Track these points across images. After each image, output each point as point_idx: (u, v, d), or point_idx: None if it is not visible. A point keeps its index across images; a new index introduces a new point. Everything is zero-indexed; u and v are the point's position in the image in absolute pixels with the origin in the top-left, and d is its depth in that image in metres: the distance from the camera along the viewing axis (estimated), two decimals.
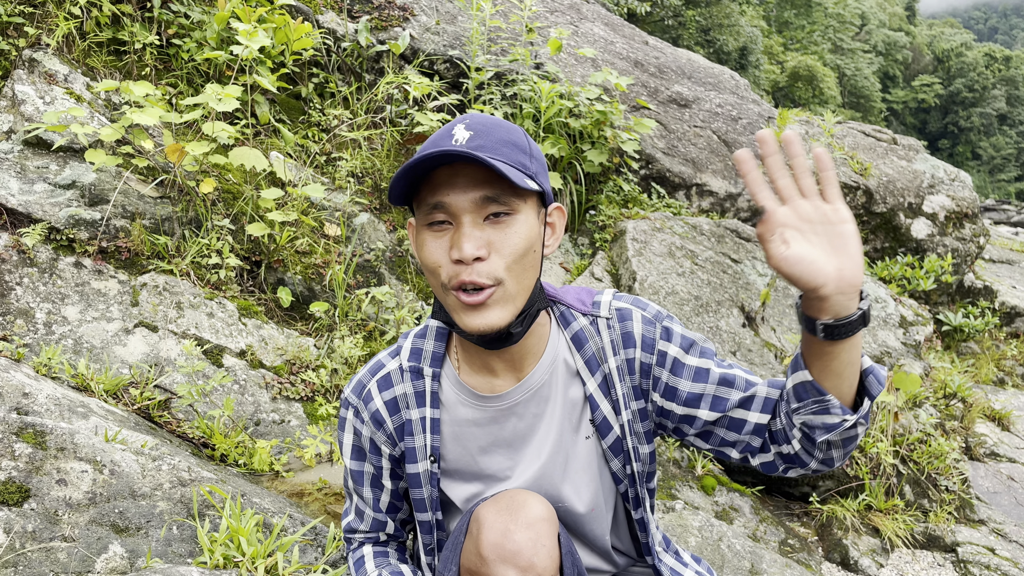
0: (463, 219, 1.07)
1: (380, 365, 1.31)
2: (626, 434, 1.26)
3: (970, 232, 5.10)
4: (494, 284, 1.08)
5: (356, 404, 1.31)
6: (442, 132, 1.11)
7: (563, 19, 5.38)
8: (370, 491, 1.35)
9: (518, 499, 1.17)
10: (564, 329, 1.28)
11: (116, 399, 2.43)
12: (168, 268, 2.85)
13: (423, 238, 1.11)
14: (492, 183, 1.07)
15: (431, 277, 1.13)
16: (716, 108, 5.09)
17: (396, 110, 3.93)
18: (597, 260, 3.69)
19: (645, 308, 1.28)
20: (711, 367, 1.23)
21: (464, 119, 1.11)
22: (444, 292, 1.11)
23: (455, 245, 1.07)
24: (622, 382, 1.25)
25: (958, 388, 3.84)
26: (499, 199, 1.07)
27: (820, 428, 1.10)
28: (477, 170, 1.07)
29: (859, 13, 55.72)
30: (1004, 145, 61.08)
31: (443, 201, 1.07)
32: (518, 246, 1.09)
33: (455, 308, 1.11)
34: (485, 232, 1.08)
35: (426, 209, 1.09)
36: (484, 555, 1.11)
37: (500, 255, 1.08)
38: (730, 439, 1.24)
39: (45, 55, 3.20)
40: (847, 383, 1.06)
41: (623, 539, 1.40)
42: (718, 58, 30.73)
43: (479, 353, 1.22)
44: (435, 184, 1.08)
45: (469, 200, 1.07)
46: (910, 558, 2.86)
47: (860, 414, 1.08)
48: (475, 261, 1.07)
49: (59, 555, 1.55)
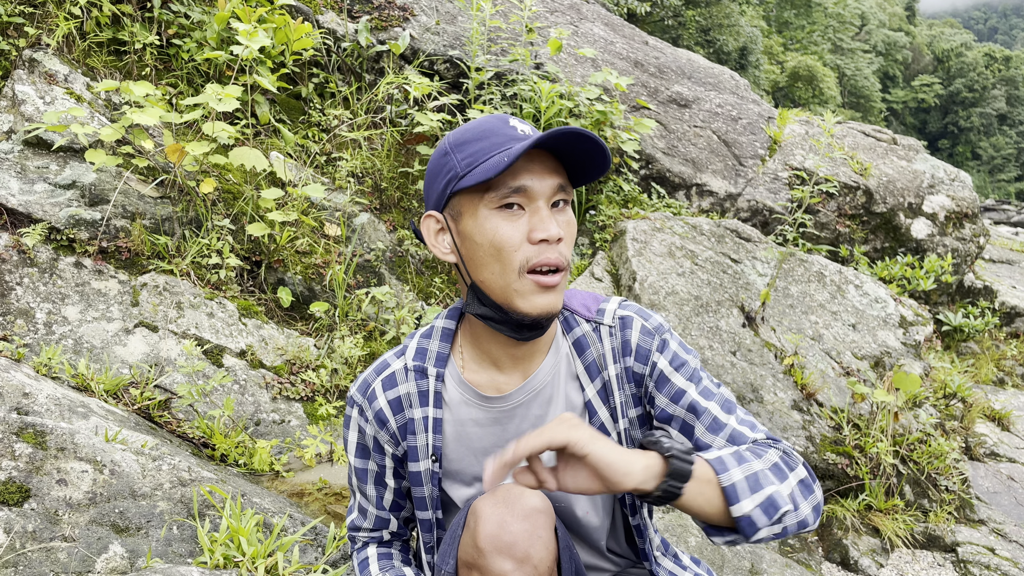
0: (540, 203, 1.12)
1: (385, 364, 1.32)
2: (623, 441, 1.27)
3: (970, 232, 5.10)
4: (566, 266, 1.15)
5: (361, 402, 1.32)
6: (494, 124, 1.15)
7: (563, 19, 5.38)
8: (373, 489, 1.36)
9: (515, 491, 1.17)
10: (567, 334, 1.29)
11: (116, 399, 2.43)
12: (168, 268, 2.85)
13: (495, 222, 1.13)
14: (561, 173, 1.14)
15: (495, 262, 1.14)
16: (716, 108, 5.09)
17: (396, 110, 3.94)
18: (597, 260, 3.69)
19: (647, 319, 1.29)
20: (689, 390, 1.24)
21: (508, 116, 1.17)
22: (516, 276, 1.13)
23: (539, 227, 1.11)
24: (621, 390, 1.26)
25: (958, 388, 3.84)
26: (566, 188, 1.15)
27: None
28: (550, 159, 1.13)
29: (859, 13, 55.72)
30: (1004, 145, 61.08)
31: (525, 185, 1.11)
32: (574, 234, 1.18)
33: (526, 292, 1.14)
34: (555, 218, 1.14)
35: (504, 192, 1.11)
36: (481, 547, 1.11)
37: (566, 240, 1.15)
38: None
39: (45, 55, 3.20)
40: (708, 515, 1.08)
41: (621, 544, 1.40)
42: (718, 58, 30.73)
43: (493, 349, 1.24)
44: (514, 169, 1.11)
45: (548, 186, 1.12)
46: (910, 558, 2.86)
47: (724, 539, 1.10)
48: (557, 242, 1.13)
49: (59, 555, 1.55)
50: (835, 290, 3.85)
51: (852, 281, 3.95)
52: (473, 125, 1.17)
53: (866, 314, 3.75)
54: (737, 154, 4.74)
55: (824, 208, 4.57)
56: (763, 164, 4.74)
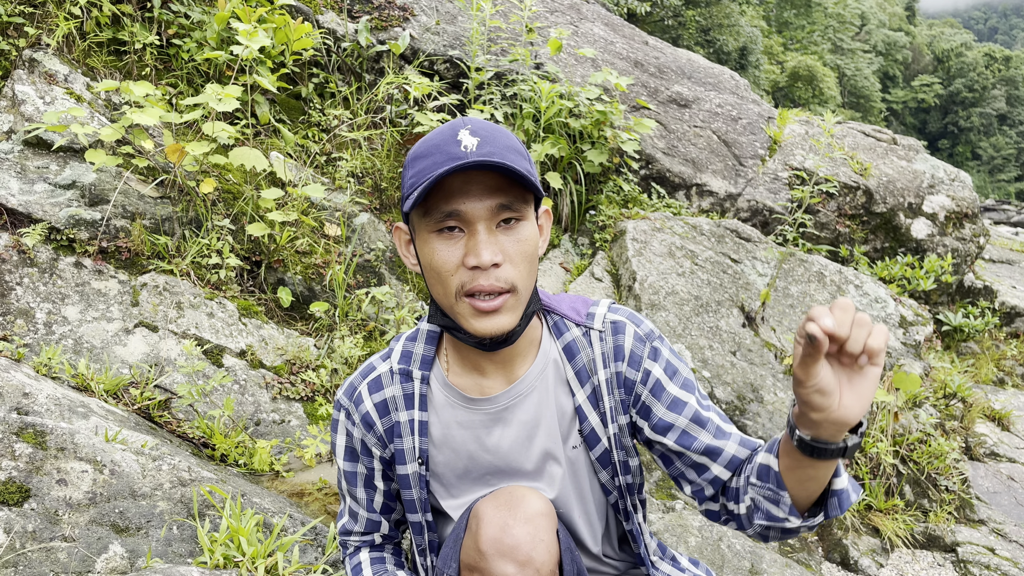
0: (478, 226, 1.08)
1: (371, 368, 1.32)
2: (613, 447, 1.27)
3: (970, 232, 5.10)
4: (508, 289, 1.10)
5: (347, 406, 1.31)
6: (446, 136, 1.09)
7: (563, 19, 5.38)
8: (363, 492, 1.36)
9: (517, 494, 1.17)
10: (557, 339, 1.28)
11: (116, 399, 2.43)
12: (168, 268, 2.85)
13: (432, 245, 1.10)
14: (505, 191, 1.08)
15: (437, 284, 1.13)
16: (716, 108, 5.09)
17: (396, 110, 3.94)
18: (597, 260, 3.69)
19: (639, 324, 1.28)
20: (690, 401, 1.24)
21: (465, 123, 1.11)
22: (454, 299, 1.11)
23: (471, 252, 1.07)
24: (610, 395, 1.26)
25: (958, 388, 3.84)
26: (512, 206, 1.09)
27: (763, 513, 1.13)
28: (491, 177, 1.08)
29: (859, 13, 55.71)
30: (1004, 145, 61.06)
31: (459, 209, 1.07)
32: (527, 251, 1.11)
33: (465, 315, 1.12)
34: (498, 238, 1.09)
35: (438, 216, 1.08)
36: (483, 550, 1.11)
37: (512, 261, 1.10)
38: (688, 476, 1.27)
39: (45, 55, 3.20)
40: (807, 492, 1.08)
41: (616, 550, 1.40)
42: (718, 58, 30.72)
43: (471, 355, 1.23)
44: (448, 191, 1.07)
45: (485, 208, 1.07)
46: (910, 558, 2.86)
47: (806, 523, 1.10)
48: (492, 267, 1.08)
49: (59, 555, 1.55)
50: (835, 290, 3.85)
51: (852, 281, 3.95)
52: (429, 137, 1.12)
53: (866, 314, 3.75)
54: (737, 154, 4.74)
55: (824, 208, 4.57)
56: (763, 164, 4.74)
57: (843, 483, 1.07)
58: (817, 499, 1.09)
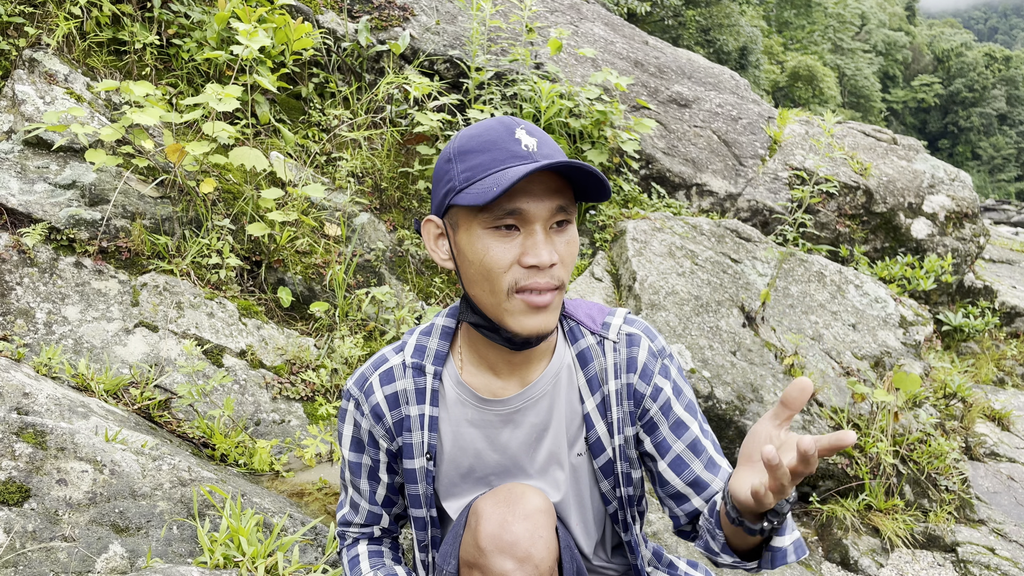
0: (536, 226, 1.09)
1: (384, 359, 1.32)
2: (617, 458, 1.27)
3: (970, 232, 5.10)
4: (559, 286, 1.13)
5: (357, 396, 1.31)
6: (500, 134, 1.11)
7: (563, 19, 5.38)
8: (367, 483, 1.36)
9: (516, 491, 1.18)
10: (571, 345, 1.28)
11: (116, 399, 2.43)
12: (168, 268, 2.85)
13: (485, 242, 1.10)
14: (563, 193, 1.11)
15: (484, 281, 1.12)
16: (716, 108, 5.09)
17: (396, 110, 3.94)
18: (597, 260, 3.69)
19: (653, 340, 1.29)
20: (692, 425, 1.27)
21: (517, 122, 1.13)
22: (504, 296, 1.11)
23: (530, 252, 1.09)
24: (619, 406, 1.26)
25: (958, 388, 3.84)
26: (567, 209, 1.12)
27: (703, 542, 1.18)
28: (553, 179, 1.09)
29: (859, 13, 55.70)
30: (1004, 145, 61.06)
31: (521, 208, 1.08)
32: (575, 253, 1.15)
33: (515, 311, 1.12)
34: (553, 239, 1.11)
35: (499, 213, 1.08)
36: (482, 546, 1.12)
37: (563, 262, 1.13)
38: (666, 503, 1.30)
39: (45, 55, 3.20)
40: (744, 542, 1.11)
41: (611, 558, 1.41)
42: (718, 58, 30.72)
43: (489, 355, 1.23)
44: (512, 189, 1.08)
45: (546, 208, 1.09)
46: (910, 558, 2.86)
47: (742, 566, 1.13)
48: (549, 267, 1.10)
49: (59, 555, 1.55)
50: (835, 290, 3.85)
51: (852, 281, 3.95)
52: (479, 131, 1.13)
53: (866, 314, 3.75)
54: (737, 154, 4.74)
55: (824, 208, 4.57)
56: (763, 164, 4.74)
57: (784, 543, 1.08)
58: (756, 547, 1.12)
